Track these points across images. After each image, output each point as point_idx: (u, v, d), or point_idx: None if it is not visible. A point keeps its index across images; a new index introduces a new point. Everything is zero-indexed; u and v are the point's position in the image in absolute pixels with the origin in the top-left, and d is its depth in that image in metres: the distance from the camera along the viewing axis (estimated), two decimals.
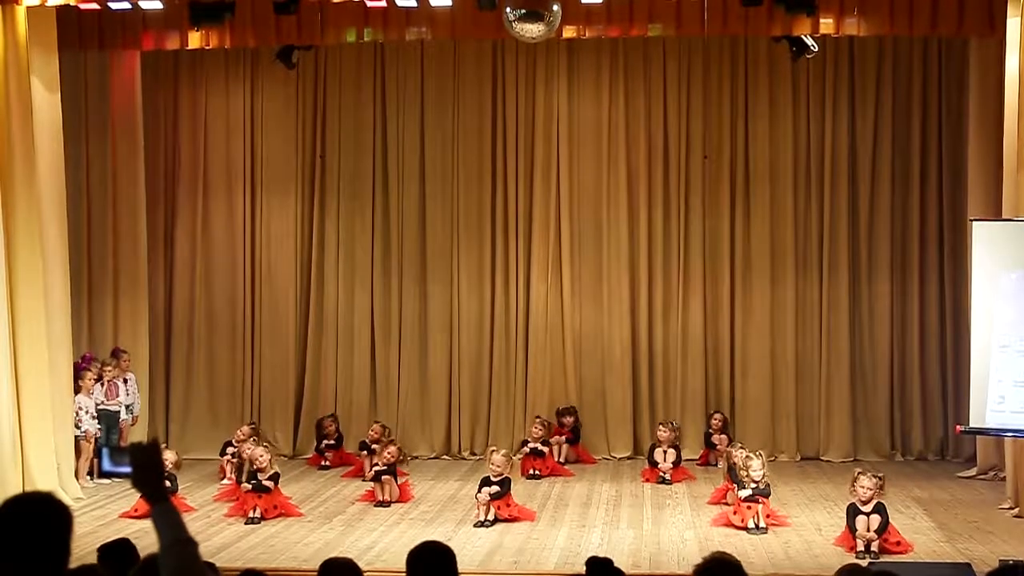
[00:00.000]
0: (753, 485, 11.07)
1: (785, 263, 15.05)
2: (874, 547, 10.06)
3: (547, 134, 15.27)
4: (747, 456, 11.39)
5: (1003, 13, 11.86)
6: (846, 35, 12.94)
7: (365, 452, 13.51)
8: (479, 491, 11.41)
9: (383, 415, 14.87)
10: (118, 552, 6.07)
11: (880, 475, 10.58)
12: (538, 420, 14.29)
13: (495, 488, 11.32)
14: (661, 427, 13.94)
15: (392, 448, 12.54)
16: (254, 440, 12.73)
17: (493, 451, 11.87)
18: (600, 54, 15.11)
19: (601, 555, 6.42)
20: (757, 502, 11.02)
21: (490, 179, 15.33)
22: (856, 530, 10.17)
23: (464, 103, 15.31)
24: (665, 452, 13.55)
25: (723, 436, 14.21)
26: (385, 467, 12.31)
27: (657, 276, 15.21)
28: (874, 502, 10.26)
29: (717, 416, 14.56)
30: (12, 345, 11.70)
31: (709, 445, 14.47)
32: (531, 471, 13.58)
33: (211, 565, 5.21)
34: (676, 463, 13.50)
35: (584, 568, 6.20)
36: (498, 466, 11.49)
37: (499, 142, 15.31)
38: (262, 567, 9.10)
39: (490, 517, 11.22)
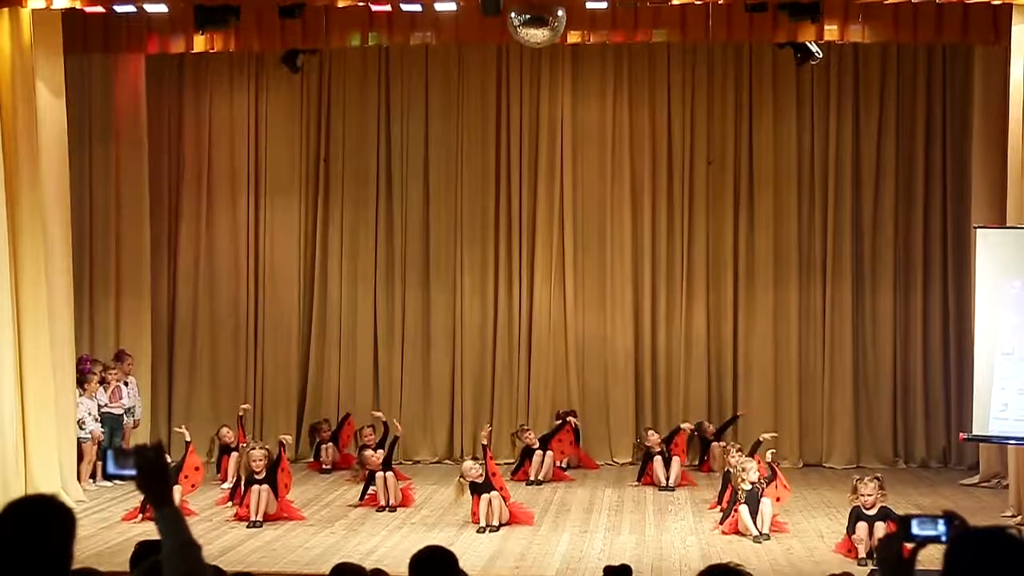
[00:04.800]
0: (748, 487, 10.96)
1: (789, 269, 15.04)
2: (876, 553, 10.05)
3: (551, 139, 15.28)
4: (742, 461, 11.33)
5: (1008, 21, 11.86)
6: (850, 42, 12.94)
7: (358, 461, 13.41)
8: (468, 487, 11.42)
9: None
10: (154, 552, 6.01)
11: (878, 476, 10.58)
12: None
13: (473, 468, 11.30)
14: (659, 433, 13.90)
15: (370, 451, 12.57)
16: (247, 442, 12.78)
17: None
18: (604, 59, 15.11)
19: (609, 562, 6.41)
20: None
21: (494, 184, 15.33)
22: (855, 535, 10.14)
23: (468, 108, 15.32)
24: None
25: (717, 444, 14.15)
26: (380, 466, 12.27)
27: (660, 281, 15.21)
28: (878, 506, 10.24)
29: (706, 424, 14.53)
30: (17, 347, 11.70)
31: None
32: (531, 478, 13.54)
33: (217, 568, 5.19)
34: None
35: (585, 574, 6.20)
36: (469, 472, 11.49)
37: (503, 147, 15.31)
38: (264, 571, 9.12)
39: (493, 523, 11.19)
